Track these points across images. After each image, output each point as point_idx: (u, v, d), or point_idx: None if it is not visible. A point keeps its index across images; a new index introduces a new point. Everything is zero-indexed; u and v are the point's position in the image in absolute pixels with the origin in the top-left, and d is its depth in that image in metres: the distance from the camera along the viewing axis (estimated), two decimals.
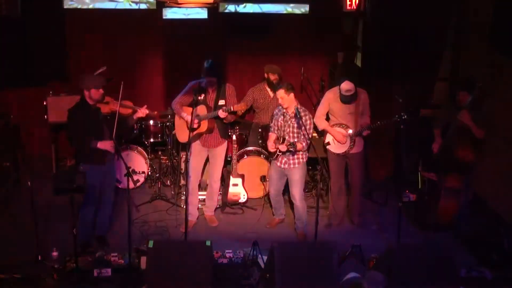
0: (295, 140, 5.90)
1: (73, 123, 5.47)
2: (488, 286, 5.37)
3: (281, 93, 5.83)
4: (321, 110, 6.28)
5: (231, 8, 7.78)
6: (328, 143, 6.27)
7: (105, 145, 5.48)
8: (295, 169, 6.03)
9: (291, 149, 5.84)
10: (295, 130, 5.93)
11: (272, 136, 6.09)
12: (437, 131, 6.32)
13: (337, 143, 6.20)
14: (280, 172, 6.12)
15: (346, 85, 5.99)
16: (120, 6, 7.58)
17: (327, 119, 6.31)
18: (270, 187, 6.31)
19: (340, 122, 6.18)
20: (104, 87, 5.54)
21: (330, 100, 6.22)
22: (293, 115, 5.90)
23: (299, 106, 5.94)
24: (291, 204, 6.34)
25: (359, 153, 6.29)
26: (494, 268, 5.53)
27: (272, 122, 6.18)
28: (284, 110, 5.95)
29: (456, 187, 6.04)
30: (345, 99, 6.06)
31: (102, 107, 5.65)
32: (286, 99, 5.83)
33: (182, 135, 6.33)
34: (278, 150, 5.97)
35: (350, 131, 6.14)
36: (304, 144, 5.89)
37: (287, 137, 5.95)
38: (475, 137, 5.90)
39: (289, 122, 5.95)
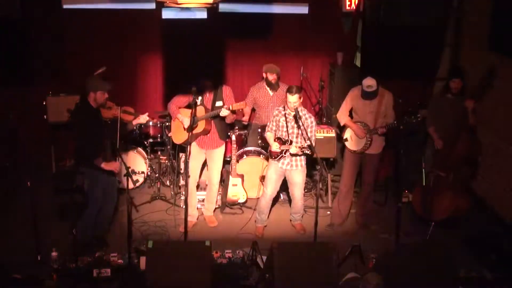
0: (298, 140, 5.86)
1: (82, 130, 5.39)
2: (487, 286, 5.38)
3: (295, 98, 5.76)
4: (344, 106, 6.24)
5: (231, 7, 7.80)
6: (346, 139, 6.21)
7: (110, 166, 5.47)
8: (297, 171, 6.00)
9: (308, 152, 5.76)
10: (299, 132, 5.88)
11: (270, 135, 6.03)
12: (432, 129, 6.36)
13: (354, 139, 6.14)
14: (280, 173, 6.07)
15: (367, 81, 5.97)
16: (118, 5, 7.61)
17: (351, 117, 6.27)
18: (267, 187, 6.17)
19: (360, 120, 6.13)
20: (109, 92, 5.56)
21: (353, 96, 6.17)
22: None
23: (302, 108, 5.92)
24: (288, 202, 6.31)
25: (377, 154, 6.21)
26: (493, 268, 5.53)
27: (270, 121, 6.13)
28: (287, 111, 5.91)
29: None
30: (366, 95, 6.01)
31: (104, 112, 5.65)
32: (298, 103, 5.81)
33: (178, 137, 6.36)
34: (283, 152, 5.91)
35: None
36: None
37: (292, 138, 5.88)
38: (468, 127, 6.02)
39: (292, 123, 5.91)
